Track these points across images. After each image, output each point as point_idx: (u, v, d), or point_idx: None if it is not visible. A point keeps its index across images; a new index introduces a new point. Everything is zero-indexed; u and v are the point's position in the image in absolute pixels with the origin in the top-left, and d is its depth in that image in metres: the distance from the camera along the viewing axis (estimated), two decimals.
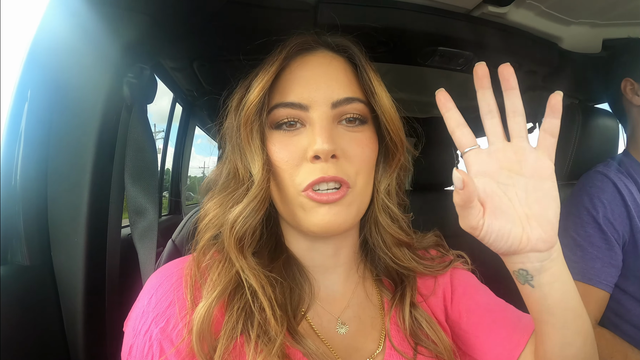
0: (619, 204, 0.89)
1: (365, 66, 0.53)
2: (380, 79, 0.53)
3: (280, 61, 0.50)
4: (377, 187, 0.56)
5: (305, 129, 0.50)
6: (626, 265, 0.88)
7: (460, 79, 1.63)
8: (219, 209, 0.51)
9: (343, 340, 0.52)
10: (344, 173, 0.49)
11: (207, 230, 0.51)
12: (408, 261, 0.57)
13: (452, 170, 0.38)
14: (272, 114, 0.51)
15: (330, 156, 0.47)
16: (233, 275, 0.47)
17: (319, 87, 0.50)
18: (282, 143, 0.50)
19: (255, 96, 0.49)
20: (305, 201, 0.48)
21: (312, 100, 0.49)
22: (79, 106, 0.62)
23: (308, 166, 0.48)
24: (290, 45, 0.51)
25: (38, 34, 0.57)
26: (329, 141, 0.47)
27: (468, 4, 0.91)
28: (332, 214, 0.48)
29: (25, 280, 0.56)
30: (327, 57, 0.53)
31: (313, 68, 0.52)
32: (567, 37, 1.05)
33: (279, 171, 0.50)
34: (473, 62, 1.09)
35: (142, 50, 0.67)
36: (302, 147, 0.49)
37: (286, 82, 0.51)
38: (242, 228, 0.48)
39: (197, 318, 0.42)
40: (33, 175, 0.59)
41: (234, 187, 0.52)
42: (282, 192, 0.51)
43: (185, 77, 1.21)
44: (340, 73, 0.52)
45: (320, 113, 0.49)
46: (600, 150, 1.10)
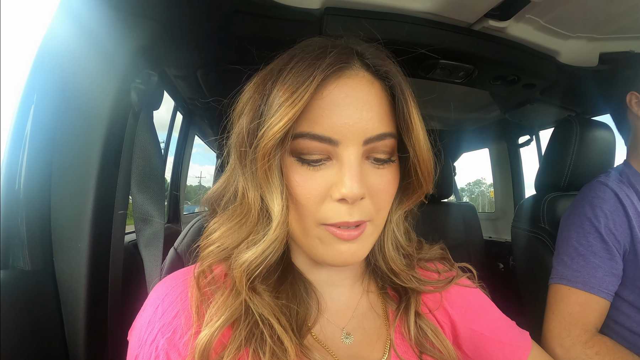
0: (620, 214, 0.90)
1: (406, 98, 0.46)
2: (419, 113, 0.47)
3: (315, 88, 0.42)
4: (390, 217, 0.54)
5: (332, 163, 0.45)
6: (626, 274, 0.89)
7: (460, 91, 1.66)
8: (224, 241, 0.48)
9: (348, 351, 0.51)
10: (366, 214, 0.46)
11: (209, 258, 0.48)
12: (410, 282, 0.57)
13: (449, 183, 0.38)
14: (297, 143, 0.44)
15: (359, 199, 0.44)
16: (240, 302, 0.44)
17: (352, 120, 0.43)
18: (305, 177, 0.44)
19: (280, 128, 0.41)
20: (325, 235, 0.46)
21: (344, 136, 0.43)
22: (85, 111, 0.61)
23: (332, 205, 0.44)
24: (326, 67, 0.42)
25: (46, 38, 0.57)
26: (359, 185, 0.43)
27: (469, 18, 0.94)
28: (352, 251, 0.47)
29: (26, 285, 0.54)
30: (364, 81, 0.45)
31: (347, 95, 0.44)
32: (565, 51, 1.08)
33: (300, 207, 0.45)
34: (473, 75, 1.12)
35: (150, 57, 0.67)
36: (327, 184, 0.44)
37: (316, 108, 0.43)
38: (259, 270, 0.45)
39: (199, 345, 0.41)
40: (37, 179, 0.58)
41: (243, 216, 0.47)
42: (301, 225, 0.47)
43: (188, 85, 1.22)
44: (377, 103, 0.45)
45: (351, 151, 0.44)
46: (597, 162, 1.12)
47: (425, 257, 0.62)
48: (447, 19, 0.94)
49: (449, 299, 0.61)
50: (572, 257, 0.92)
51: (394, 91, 0.46)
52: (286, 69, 0.44)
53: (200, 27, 0.76)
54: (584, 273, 0.89)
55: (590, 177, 1.02)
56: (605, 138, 1.11)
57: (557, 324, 0.88)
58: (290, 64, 0.44)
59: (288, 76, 0.43)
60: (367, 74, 0.46)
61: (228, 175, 0.51)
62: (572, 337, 0.84)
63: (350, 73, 0.45)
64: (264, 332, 0.43)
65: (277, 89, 0.43)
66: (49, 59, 0.58)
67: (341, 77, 0.44)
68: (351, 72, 0.45)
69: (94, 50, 0.61)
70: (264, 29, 0.87)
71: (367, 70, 0.46)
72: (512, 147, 2.18)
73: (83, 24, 0.59)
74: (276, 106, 0.42)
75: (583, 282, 0.88)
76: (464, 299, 0.62)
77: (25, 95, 0.57)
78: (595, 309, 0.87)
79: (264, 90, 0.45)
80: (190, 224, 0.83)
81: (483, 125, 2.18)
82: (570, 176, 1.13)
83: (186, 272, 0.49)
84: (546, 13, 0.92)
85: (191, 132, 1.88)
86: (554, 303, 0.90)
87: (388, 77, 0.47)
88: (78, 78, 0.62)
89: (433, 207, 1.86)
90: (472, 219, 1.93)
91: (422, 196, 0.53)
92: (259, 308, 0.44)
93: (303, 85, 0.42)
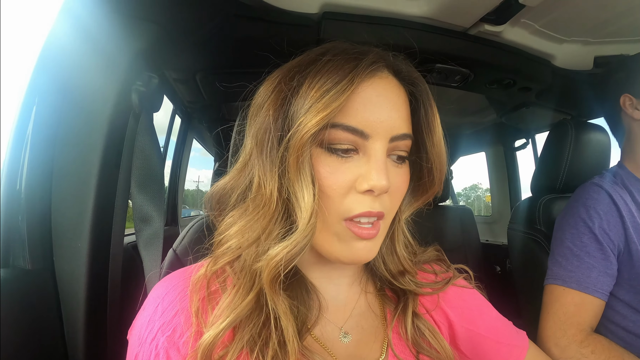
0: (614, 215, 0.91)
1: (431, 104, 0.51)
2: (439, 119, 0.51)
3: (357, 84, 0.44)
4: (400, 216, 0.55)
5: (359, 156, 0.46)
6: (621, 274, 0.90)
7: (456, 95, 1.68)
8: (245, 238, 0.47)
9: (346, 350, 0.52)
10: (384, 207, 0.48)
11: (226, 255, 0.47)
12: (408, 284, 0.58)
13: (446, 186, 0.40)
14: (329, 134, 0.45)
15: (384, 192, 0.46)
16: (247, 304, 0.44)
17: (382, 117, 0.46)
18: (333, 168, 0.45)
19: (319, 122, 0.42)
20: (344, 231, 0.46)
21: (374, 131, 0.45)
22: (86, 112, 0.62)
23: (356, 196, 0.46)
24: (366, 70, 0.45)
25: (48, 40, 0.57)
26: (386, 177, 0.44)
27: (465, 22, 0.95)
28: (367, 250, 0.48)
29: (26, 284, 0.55)
30: (393, 83, 0.49)
31: (380, 94, 0.47)
32: (560, 55, 1.09)
33: (323, 197, 0.45)
34: (469, 79, 1.13)
35: (150, 59, 0.68)
36: (354, 176, 0.46)
37: (351, 101, 0.45)
38: (292, 262, 0.44)
39: (202, 345, 0.41)
40: (38, 179, 0.59)
41: (261, 208, 0.46)
42: (322, 217, 0.46)
43: (188, 88, 1.22)
44: (403, 105, 0.49)
45: (379, 146, 0.46)
46: (592, 164, 1.13)
47: (421, 259, 0.63)
48: (443, 24, 0.95)
49: (447, 299, 0.61)
50: (567, 258, 0.92)
51: (420, 96, 0.50)
52: (317, 65, 0.46)
53: (200, 31, 0.77)
54: (579, 273, 0.89)
55: (585, 179, 1.03)
56: (601, 140, 1.12)
57: (552, 324, 0.88)
58: (323, 60, 0.46)
59: (323, 71, 0.45)
60: (395, 79, 0.50)
61: (240, 169, 0.50)
62: (567, 337, 0.85)
63: (382, 75, 0.48)
64: (271, 334, 0.43)
65: (308, 83, 0.45)
66: (51, 61, 0.59)
67: (374, 78, 0.47)
68: (383, 75, 0.48)
69: (95, 53, 0.62)
70: (263, 33, 0.89)
71: (395, 75, 0.50)
72: (509, 150, 2.20)
73: (84, 26, 0.59)
74: (313, 99, 0.43)
75: (578, 282, 0.89)
76: (461, 299, 0.62)
77: (27, 97, 0.58)
78: (590, 309, 0.88)
79: (292, 82, 0.46)
80: (189, 225, 0.83)
81: (479, 129, 2.19)
82: (565, 178, 1.14)
83: (186, 271, 0.50)
84: (541, 17, 0.93)
85: (189, 135, 1.89)
86: (549, 303, 0.91)
87: (415, 83, 0.51)
88: (79, 80, 0.62)
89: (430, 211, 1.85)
90: (469, 222, 1.94)
91: (432, 196, 0.55)
92: (277, 308, 0.44)
93: (343, 80, 0.43)
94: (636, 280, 0.88)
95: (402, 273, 0.58)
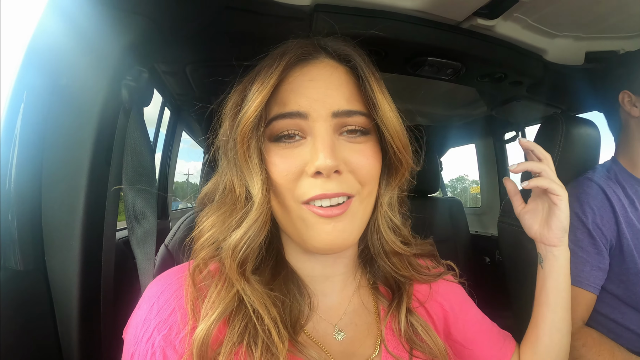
0: (607, 210, 0.93)
1: (368, 77, 0.50)
2: (384, 91, 0.51)
3: (280, 72, 0.47)
4: (381, 200, 0.55)
5: (306, 140, 0.48)
6: (612, 268, 0.92)
7: (446, 88, 1.68)
8: (215, 229, 0.49)
9: (340, 346, 0.52)
10: (347, 187, 0.47)
11: (203, 249, 0.49)
12: (405, 269, 0.59)
13: (436, 178, 0.41)
14: (271, 126, 0.48)
15: (333, 172, 0.46)
16: (233, 295, 0.45)
17: (318, 96, 0.47)
18: (281, 156, 0.48)
19: (253, 111, 0.46)
20: (307, 215, 0.47)
21: (312, 109, 0.47)
22: (76, 108, 0.60)
23: (308, 181, 0.46)
24: (290, 55, 0.48)
25: (35, 35, 0.56)
26: (331, 156, 0.45)
27: (458, 16, 0.95)
28: (338, 230, 0.47)
29: (19, 285, 0.54)
30: (328, 66, 0.50)
31: (313, 78, 0.49)
32: (552, 50, 1.10)
33: (278, 186, 0.48)
34: (461, 72, 1.13)
35: (140, 53, 0.66)
36: (303, 160, 0.47)
37: (285, 92, 0.48)
38: (245, 252, 0.47)
39: (196, 340, 0.41)
40: (28, 178, 0.57)
41: (231, 204, 0.50)
42: (282, 207, 0.49)
43: (177, 81, 1.20)
44: (342, 84, 0.49)
45: (322, 123, 0.47)
46: (583, 158, 1.14)
47: (416, 251, 0.64)
48: (436, 17, 0.95)
49: (439, 291, 0.63)
50: None
51: (359, 72, 0.50)
52: (258, 71, 0.50)
53: (190, 23, 0.75)
54: (572, 267, 0.90)
55: (575, 173, 1.05)
56: (591, 135, 1.14)
57: None
58: (260, 67, 0.50)
59: (260, 72, 0.49)
60: (330, 60, 0.51)
61: (219, 174, 0.54)
62: None
63: (315, 61, 0.50)
64: (256, 326, 0.44)
65: (250, 86, 0.49)
66: (39, 56, 0.57)
67: (306, 65, 0.50)
68: (315, 61, 0.50)
69: (83, 47, 0.60)
70: (254, 25, 0.87)
71: (330, 57, 0.51)
72: (498, 142, 2.22)
73: (72, 20, 0.58)
74: (250, 97, 0.47)
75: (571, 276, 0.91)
76: (452, 292, 0.65)
77: (14, 93, 0.56)
78: (582, 302, 0.90)
79: (244, 91, 0.50)
80: (180, 220, 0.82)
81: (469, 121, 2.20)
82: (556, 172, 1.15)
83: (181, 269, 0.50)
84: (534, 12, 0.94)
85: (179, 128, 1.86)
86: None
87: (348, 59, 0.51)
88: (68, 75, 0.61)
89: (420, 202, 1.88)
90: (459, 214, 1.96)
91: (405, 174, 0.55)
92: (250, 298, 0.45)
93: (269, 73, 0.47)
94: (626, 274, 0.90)
95: (392, 255, 0.59)
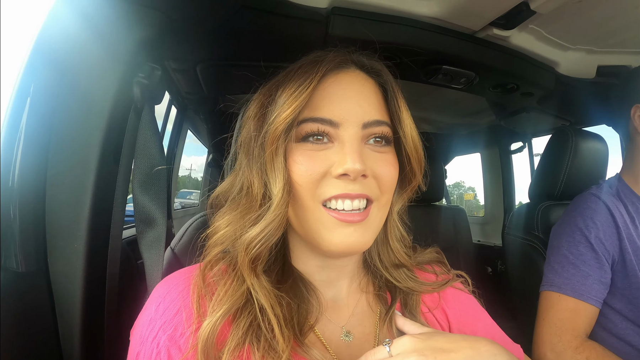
0: (610, 225, 0.93)
1: (396, 93, 0.53)
2: (407, 107, 0.53)
3: (318, 79, 0.48)
4: (392, 209, 0.57)
5: (333, 145, 0.49)
6: (614, 283, 0.92)
7: (454, 96, 1.67)
8: (230, 227, 0.50)
9: (348, 349, 0.53)
10: (369, 190, 0.49)
11: (216, 246, 0.50)
12: (405, 281, 0.59)
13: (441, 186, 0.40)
14: (300, 128, 0.49)
15: (360, 175, 0.47)
16: (242, 293, 0.46)
17: (350, 106, 0.49)
18: (307, 156, 0.48)
19: (288, 115, 0.47)
20: (326, 218, 0.48)
21: (344, 119, 0.48)
22: (85, 104, 0.59)
23: (332, 181, 0.48)
24: (328, 64, 0.50)
25: (45, 27, 0.54)
26: (360, 161, 0.46)
27: (475, 25, 0.94)
28: (358, 234, 0.48)
29: (20, 287, 0.52)
30: (359, 77, 0.52)
31: (346, 87, 0.50)
32: (564, 62, 1.09)
33: (298, 187, 0.48)
34: (474, 82, 1.12)
35: (153, 49, 0.64)
36: (329, 162, 0.48)
37: (318, 97, 0.49)
38: (259, 249, 0.47)
39: (202, 335, 0.42)
40: (32, 176, 0.55)
41: (247, 204, 0.50)
42: (300, 207, 0.49)
43: (187, 79, 1.18)
44: (372, 95, 0.52)
45: (351, 132, 0.48)
46: (591, 172, 1.14)
47: (422, 260, 0.64)
48: (452, 25, 0.94)
49: (446, 299, 0.62)
50: (563, 265, 0.94)
51: (386, 86, 0.53)
52: (290, 74, 0.51)
53: (205, 21, 0.74)
54: (574, 280, 0.91)
55: (584, 187, 1.04)
56: (599, 149, 1.13)
57: (548, 330, 0.89)
58: (294, 70, 0.51)
59: (293, 77, 0.50)
60: (361, 72, 0.53)
61: (235, 174, 0.54)
62: (563, 343, 0.86)
63: (347, 71, 0.52)
64: (260, 324, 0.45)
65: (282, 89, 0.49)
66: (48, 50, 0.55)
67: (339, 74, 0.51)
68: (348, 70, 0.52)
69: (95, 40, 0.58)
70: (270, 25, 0.86)
71: (361, 69, 0.53)
72: (504, 152, 2.21)
73: (84, 11, 0.56)
74: (283, 100, 0.48)
75: (573, 289, 0.90)
76: (458, 301, 0.63)
77: (21, 87, 0.54)
78: (585, 315, 0.90)
79: (270, 93, 0.51)
80: (187, 223, 0.80)
81: (475, 130, 2.20)
82: (564, 186, 1.15)
83: (188, 270, 0.51)
84: (549, 24, 0.93)
85: (184, 127, 1.84)
86: (545, 310, 0.92)
87: (379, 73, 0.54)
88: (78, 70, 0.59)
89: (424, 210, 1.87)
90: (462, 223, 1.95)
91: (415, 187, 0.57)
92: (258, 294, 0.46)
93: (307, 79, 0.48)
94: (629, 289, 0.90)
95: (397, 266, 0.60)
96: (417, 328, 0.51)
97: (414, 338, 0.45)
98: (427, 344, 0.44)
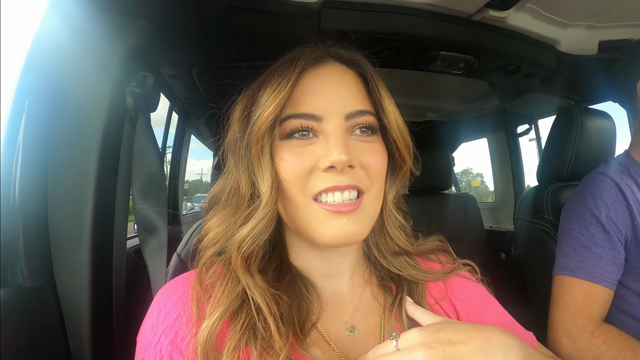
0: (621, 204, 0.90)
1: (377, 82, 0.53)
2: (389, 94, 0.54)
3: (296, 76, 0.49)
4: (386, 197, 0.57)
5: (318, 139, 0.49)
6: (629, 263, 0.89)
7: (457, 82, 1.65)
8: (221, 228, 0.51)
9: (353, 343, 0.52)
10: (358, 180, 0.49)
11: (209, 248, 0.51)
12: (406, 270, 0.59)
13: (449, 174, 0.40)
14: (284, 125, 0.49)
15: (347, 166, 0.47)
16: (237, 294, 0.47)
17: (332, 99, 0.49)
18: (293, 152, 0.49)
19: (270, 113, 0.47)
20: (318, 212, 0.48)
21: (326, 112, 0.49)
22: (79, 116, 0.59)
23: (320, 175, 0.48)
24: (305, 59, 0.50)
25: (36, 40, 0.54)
26: (345, 152, 0.46)
27: (470, 8, 0.92)
28: (351, 224, 0.48)
29: (28, 302, 0.52)
30: (338, 69, 0.53)
31: (326, 80, 0.51)
32: (564, 40, 1.06)
33: (286, 183, 0.49)
34: (474, 66, 1.10)
35: (144, 57, 0.64)
36: (315, 157, 0.48)
37: (299, 94, 0.50)
38: (250, 248, 0.48)
39: (200, 338, 0.42)
40: (32, 191, 0.56)
41: (236, 203, 0.51)
42: (291, 204, 0.50)
43: (184, 84, 1.19)
44: (353, 86, 0.52)
45: (335, 124, 0.49)
46: (599, 151, 1.11)
47: (425, 249, 0.64)
48: (446, 10, 0.92)
49: (453, 289, 0.61)
50: (575, 248, 0.92)
51: (366, 76, 0.54)
52: (271, 73, 0.52)
53: (195, 25, 0.73)
54: (587, 263, 0.89)
55: (592, 167, 1.02)
56: (606, 127, 1.10)
57: (562, 315, 0.88)
58: (274, 69, 0.52)
59: (273, 76, 0.50)
60: (340, 64, 0.53)
61: (224, 176, 0.55)
62: (578, 328, 0.85)
63: (326, 64, 0.52)
64: (257, 323, 0.45)
65: (263, 89, 0.50)
66: (40, 64, 0.55)
67: (318, 68, 0.52)
68: (327, 64, 0.53)
69: (86, 52, 0.58)
70: (261, 24, 0.85)
71: (340, 62, 0.54)
72: (511, 136, 2.18)
73: (74, 24, 0.56)
74: (265, 99, 0.48)
75: (586, 272, 0.88)
76: (466, 291, 0.62)
77: (15, 104, 0.54)
78: (599, 298, 0.88)
79: (253, 94, 0.52)
80: (192, 228, 0.81)
81: (481, 115, 2.17)
82: (572, 166, 1.12)
83: (187, 275, 0.51)
84: (546, 1, 0.91)
85: (187, 132, 1.85)
86: (559, 294, 0.91)
87: (358, 65, 0.54)
88: (71, 82, 0.59)
89: (433, 199, 1.85)
90: (473, 210, 1.93)
91: (407, 172, 0.57)
92: (254, 293, 0.46)
93: (285, 77, 0.48)
94: None
95: (397, 254, 0.60)
96: (428, 316, 0.51)
97: (421, 331, 0.44)
98: (435, 336, 0.43)
